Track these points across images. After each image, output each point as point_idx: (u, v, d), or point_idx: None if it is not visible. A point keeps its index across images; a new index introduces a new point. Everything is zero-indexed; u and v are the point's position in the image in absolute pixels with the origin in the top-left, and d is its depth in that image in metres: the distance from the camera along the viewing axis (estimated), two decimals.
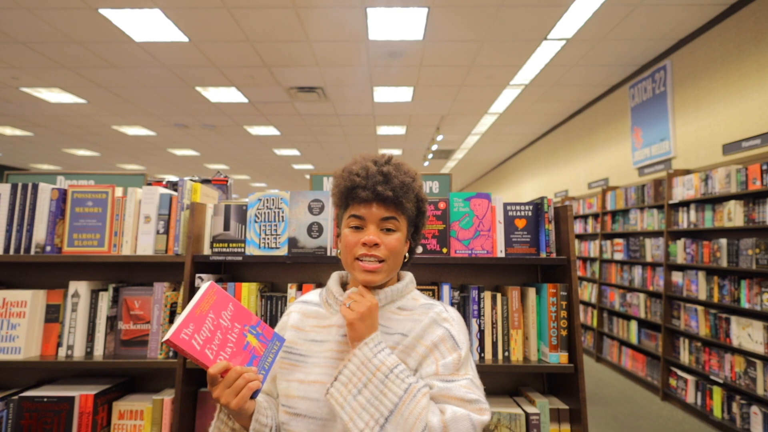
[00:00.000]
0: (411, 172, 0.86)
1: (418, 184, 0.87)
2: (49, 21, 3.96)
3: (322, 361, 0.82)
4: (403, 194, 0.83)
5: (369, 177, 0.81)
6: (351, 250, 0.82)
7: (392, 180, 0.81)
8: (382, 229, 0.82)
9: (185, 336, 0.71)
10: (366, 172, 0.81)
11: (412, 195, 0.85)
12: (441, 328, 0.82)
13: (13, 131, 7.79)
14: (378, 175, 0.81)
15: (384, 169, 0.82)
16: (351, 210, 0.83)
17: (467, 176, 13.45)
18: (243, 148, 9.13)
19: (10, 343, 1.40)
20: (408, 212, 0.85)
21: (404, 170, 0.85)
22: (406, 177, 0.84)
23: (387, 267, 0.82)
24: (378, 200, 0.81)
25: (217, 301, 0.78)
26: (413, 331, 0.83)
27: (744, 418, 3.16)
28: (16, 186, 1.46)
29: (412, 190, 0.85)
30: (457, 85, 5.61)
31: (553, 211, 1.46)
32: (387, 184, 0.81)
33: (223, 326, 0.76)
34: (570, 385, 1.36)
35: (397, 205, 0.82)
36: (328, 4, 3.71)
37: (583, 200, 6.15)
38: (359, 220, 0.82)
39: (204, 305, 0.76)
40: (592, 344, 5.66)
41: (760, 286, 3.12)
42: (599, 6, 3.72)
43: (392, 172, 0.82)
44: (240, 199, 1.75)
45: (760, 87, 3.39)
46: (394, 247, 0.82)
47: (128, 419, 1.41)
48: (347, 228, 0.83)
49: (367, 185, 0.80)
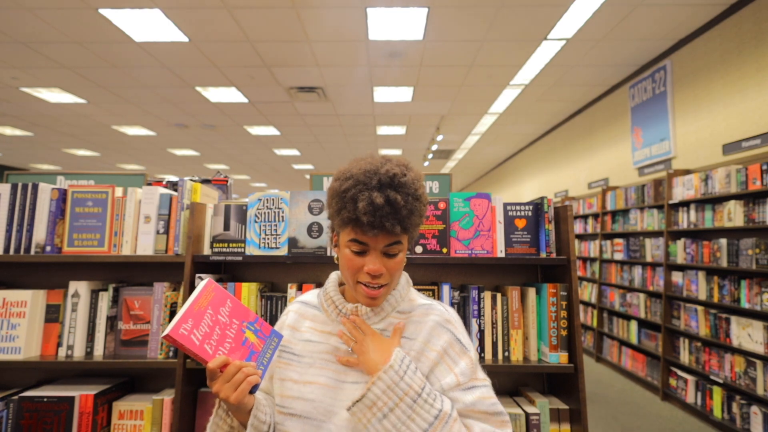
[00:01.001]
0: (417, 189, 0.79)
1: (424, 199, 0.81)
2: (49, 21, 3.96)
3: (317, 362, 0.82)
4: (411, 225, 0.78)
5: (376, 211, 0.74)
6: (353, 274, 0.79)
7: (400, 211, 0.75)
8: (386, 253, 0.78)
9: (184, 331, 0.71)
10: (372, 206, 0.74)
11: (418, 216, 0.80)
12: (447, 332, 0.82)
13: (13, 131, 7.79)
14: (386, 206, 0.74)
15: (391, 197, 0.75)
16: (352, 233, 0.78)
17: (467, 176, 13.45)
18: (243, 148, 9.13)
19: (10, 343, 1.40)
20: (414, 228, 0.81)
21: (411, 191, 0.78)
22: (414, 201, 0.78)
23: (388, 289, 0.81)
24: (384, 232, 0.76)
25: (215, 297, 0.78)
26: (418, 334, 0.82)
27: (744, 418, 3.16)
28: (16, 186, 1.46)
29: (419, 211, 0.80)
30: (457, 85, 5.61)
31: (553, 211, 1.46)
32: (395, 216, 0.75)
33: (221, 322, 0.76)
34: (570, 385, 1.36)
35: (405, 233, 0.78)
36: (328, 4, 3.71)
37: (583, 200, 6.15)
38: (362, 246, 0.78)
39: (202, 301, 0.76)
40: (592, 344, 5.66)
41: (760, 286, 3.12)
42: (599, 6, 3.72)
43: (400, 202, 0.75)
44: (240, 199, 1.75)
45: (760, 87, 3.39)
46: (396, 269, 0.80)
47: (128, 419, 1.41)
48: (348, 249, 0.79)
49: (374, 222, 0.74)
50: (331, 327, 0.85)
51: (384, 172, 0.76)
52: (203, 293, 0.76)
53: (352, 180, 0.77)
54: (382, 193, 0.75)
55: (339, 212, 0.78)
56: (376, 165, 0.78)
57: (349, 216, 0.75)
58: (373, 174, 0.77)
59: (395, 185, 0.77)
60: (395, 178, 0.77)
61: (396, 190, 0.76)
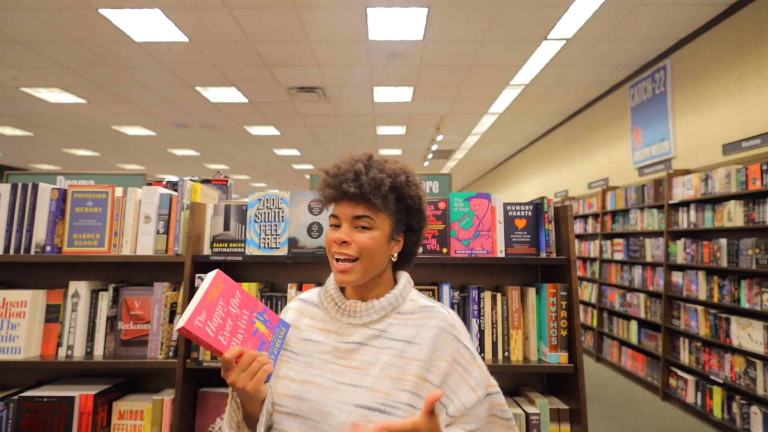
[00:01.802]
0: (391, 169, 0.81)
1: (399, 180, 0.81)
2: (49, 21, 3.96)
3: (316, 362, 0.81)
4: (373, 191, 0.78)
5: (339, 175, 0.79)
6: (329, 248, 0.82)
7: (361, 177, 0.78)
8: (357, 227, 0.79)
9: (199, 323, 0.71)
10: (337, 170, 0.80)
11: (386, 191, 0.79)
12: (453, 339, 0.81)
13: (13, 131, 7.79)
14: (348, 173, 0.79)
15: (356, 167, 0.79)
16: (332, 209, 0.83)
17: (467, 176, 13.45)
18: (243, 148, 9.13)
19: (10, 343, 1.40)
20: (387, 210, 0.81)
21: (381, 167, 0.81)
22: (381, 174, 0.79)
23: (361, 266, 0.80)
24: (346, 198, 0.79)
25: (225, 289, 0.78)
26: (423, 339, 0.80)
27: (744, 418, 3.16)
28: (16, 186, 1.46)
29: (388, 186, 0.80)
30: (457, 85, 5.61)
31: (553, 211, 1.46)
32: (355, 181, 0.78)
33: (232, 313, 0.77)
34: (570, 385, 1.36)
35: (368, 202, 0.79)
36: (328, 4, 3.71)
37: (583, 200, 6.15)
38: (336, 219, 0.81)
39: (213, 293, 0.76)
40: (592, 344, 5.66)
41: (760, 286, 3.12)
42: (599, 6, 3.72)
43: (362, 170, 0.79)
44: (240, 199, 1.75)
45: (760, 87, 3.39)
46: (366, 245, 0.79)
47: (128, 419, 1.41)
48: (329, 227, 0.83)
49: (332, 183, 0.79)
50: (330, 325, 0.85)
51: (363, 154, 0.83)
52: (213, 285, 0.77)
53: (342, 162, 0.83)
54: (351, 165, 0.80)
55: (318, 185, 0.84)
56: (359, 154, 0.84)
57: (320, 183, 0.82)
58: (351, 156, 0.83)
59: (367, 163, 0.81)
60: (371, 158, 0.82)
61: (365, 166, 0.80)
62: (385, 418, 0.72)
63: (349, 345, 0.81)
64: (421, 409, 0.74)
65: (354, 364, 0.79)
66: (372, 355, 0.79)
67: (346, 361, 0.79)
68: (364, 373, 0.77)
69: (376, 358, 0.78)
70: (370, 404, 0.74)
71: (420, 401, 0.75)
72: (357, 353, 0.80)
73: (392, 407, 0.73)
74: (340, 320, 0.84)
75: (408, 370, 0.76)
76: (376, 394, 0.74)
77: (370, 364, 0.78)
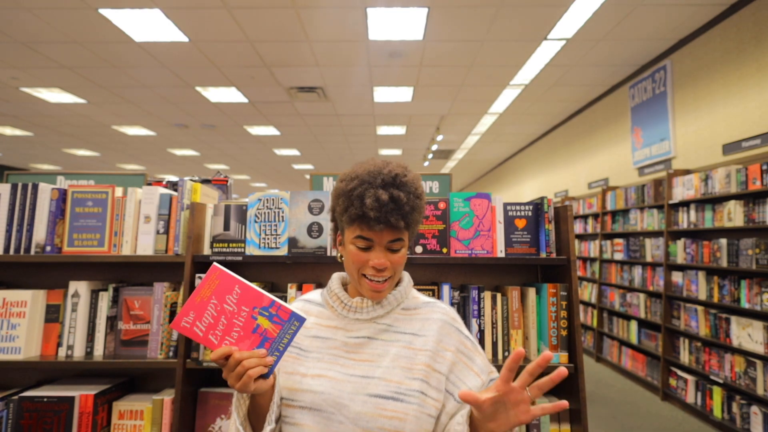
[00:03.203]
0: (417, 188, 0.85)
1: (423, 198, 0.87)
2: (49, 21, 3.96)
3: (326, 357, 0.84)
4: (413, 219, 0.83)
5: (381, 207, 0.79)
6: (358, 268, 0.84)
7: (403, 207, 0.81)
8: (390, 249, 0.83)
9: (186, 324, 0.72)
10: (378, 203, 0.79)
11: (419, 213, 0.85)
12: (455, 331, 0.89)
13: (13, 131, 7.79)
14: (390, 203, 0.80)
15: (395, 194, 0.81)
16: (357, 230, 0.83)
17: (467, 176, 13.45)
18: (243, 148, 9.13)
19: (10, 343, 1.39)
20: (415, 225, 0.86)
21: (412, 189, 0.84)
22: (416, 199, 0.84)
23: (391, 282, 0.86)
24: (389, 227, 0.81)
25: (220, 285, 0.76)
26: (428, 332, 0.86)
27: (744, 418, 3.16)
28: (16, 186, 1.46)
29: (420, 209, 0.86)
30: (457, 85, 5.61)
31: (553, 211, 1.46)
32: (399, 212, 0.81)
33: (227, 311, 0.76)
34: (570, 385, 1.36)
35: (407, 228, 0.84)
36: (328, 4, 3.71)
37: (583, 200, 6.15)
38: (367, 242, 0.83)
39: (205, 291, 0.75)
40: (592, 344, 5.66)
41: (760, 286, 3.12)
42: (599, 6, 3.72)
43: (403, 198, 0.81)
44: (240, 199, 1.75)
45: (760, 87, 3.39)
46: (400, 263, 0.85)
47: (128, 419, 1.41)
48: (353, 245, 0.84)
49: (380, 217, 0.80)
50: (336, 322, 0.88)
51: (387, 173, 0.82)
52: (206, 283, 0.76)
53: (358, 180, 0.83)
54: (386, 190, 0.81)
55: (346, 210, 0.82)
56: (378, 166, 0.84)
57: (357, 213, 0.80)
58: (376, 174, 0.82)
59: (397, 184, 0.82)
60: (397, 177, 0.83)
61: (399, 188, 0.82)
62: (399, 405, 0.77)
63: (358, 339, 0.85)
64: (431, 396, 0.80)
65: (364, 357, 0.83)
66: (381, 347, 0.84)
67: (355, 354, 0.83)
68: (375, 365, 0.82)
69: (386, 350, 0.83)
70: (383, 393, 0.78)
71: (430, 388, 0.80)
72: (366, 347, 0.84)
73: (405, 395, 0.78)
74: (346, 317, 0.88)
75: (417, 360, 0.82)
76: (389, 383, 0.79)
77: (380, 356, 0.83)
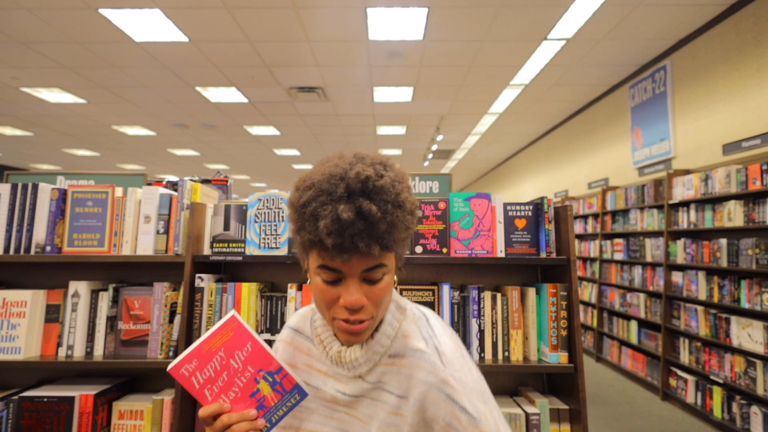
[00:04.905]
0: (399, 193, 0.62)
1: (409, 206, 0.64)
2: (49, 21, 3.96)
3: (320, 409, 0.74)
4: (393, 238, 0.62)
5: (344, 230, 0.58)
6: (328, 308, 0.65)
7: (377, 225, 0.59)
8: (367, 279, 0.63)
9: (185, 372, 0.68)
10: (338, 224, 0.58)
11: (403, 228, 0.64)
12: (445, 399, 0.66)
13: (13, 131, 7.79)
14: (357, 221, 0.58)
15: (364, 208, 0.58)
16: (319, 258, 0.62)
17: (467, 176, 13.45)
18: (243, 148, 9.13)
19: (10, 343, 1.40)
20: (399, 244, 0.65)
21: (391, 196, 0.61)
22: (396, 210, 0.61)
23: (373, 321, 0.67)
24: (358, 254, 0.60)
25: (233, 338, 0.71)
26: (412, 394, 0.68)
27: (744, 418, 3.16)
28: (16, 186, 1.46)
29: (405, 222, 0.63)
30: (457, 85, 5.61)
31: (553, 211, 1.46)
32: (371, 233, 0.59)
33: (232, 367, 0.70)
34: (570, 385, 1.36)
35: (385, 249, 0.62)
36: (328, 4, 3.71)
37: (583, 200, 6.15)
38: (334, 273, 0.62)
39: (216, 341, 0.70)
40: (592, 344, 5.66)
41: (760, 286, 3.12)
42: (599, 6, 3.72)
43: (375, 214, 0.58)
44: (240, 199, 1.75)
45: (760, 87, 3.39)
46: (382, 296, 0.65)
47: (128, 419, 1.41)
48: (318, 276, 0.64)
49: (343, 244, 0.58)
50: (327, 367, 0.75)
51: (353, 176, 0.60)
52: (219, 332, 0.70)
53: (313, 190, 0.61)
54: (352, 203, 0.59)
55: (299, 232, 0.63)
56: (344, 167, 0.62)
57: (311, 238, 0.60)
58: (339, 180, 0.60)
59: (369, 191, 0.60)
60: (368, 182, 0.60)
61: (370, 198, 0.60)
62: None
63: (348, 398, 0.73)
64: None
65: (357, 414, 0.73)
66: (371, 408, 0.71)
67: (349, 409, 0.73)
68: (366, 428, 0.71)
69: (375, 413, 0.71)
70: None
71: None
72: (357, 404, 0.73)
73: None
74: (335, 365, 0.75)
75: (403, 430, 0.68)
76: None
77: (370, 417, 0.71)
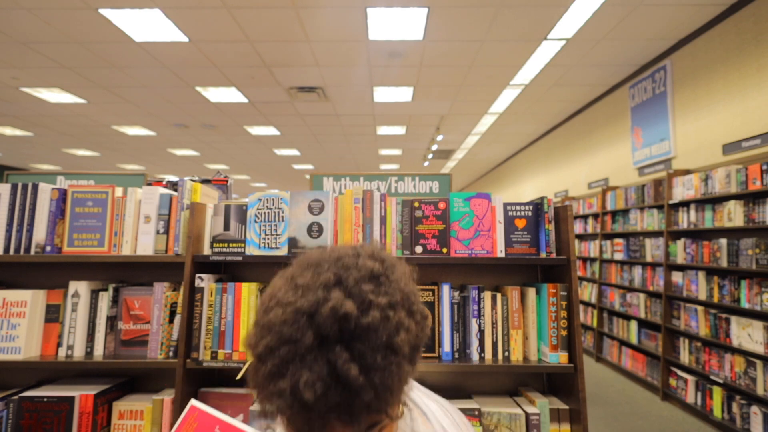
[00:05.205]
0: (392, 333, 0.46)
1: (413, 329, 0.49)
2: (49, 21, 3.96)
3: None
4: (386, 399, 0.45)
5: (313, 405, 0.42)
6: None
7: (361, 395, 0.43)
8: None
9: None
10: (300, 403, 0.42)
11: (405, 372, 0.48)
12: None
13: (13, 131, 7.79)
14: (332, 390, 0.42)
15: (342, 371, 0.42)
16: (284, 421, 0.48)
17: (467, 176, 13.45)
18: (243, 148, 9.13)
19: (10, 343, 1.39)
20: (398, 393, 0.48)
21: (382, 339, 0.45)
22: (390, 356, 0.45)
23: None
24: (340, 425, 0.45)
25: (198, 428, 0.68)
26: None
27: (744, 418, 3.16)
28: (16, 186, 1.46)
29: (405, 362, 0.48)
30: (457, 85, 5.61)
31: (553, 211, 1.46)
32: (351, 407, 0.43)
33: None
34: (570, 385, 1.36)
35: (374, 413, 0.46)
36: (328, 4, 3.71)
37: (583, 200, 6.15)
38: None
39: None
40: (592, 344, 5.66)
41: (760, 286, 3.12)
42: (599, 6, 3.72)
43: (357, 379, 0.42)
44: (240, 199, 1.75)
45: (760, 87, 3.39)
46: None
47: (128, 419, 1.41)
48: None
49: (311, 422, 0.44)
50: None
51: (326, 313, 0.44)
52: (183, 426, 0.68)
53: (274, 334, 0.45)
54: (323, 361, 0.43)
55: (256, 389, 0.47)
56: (315, 296, 0.46)
57: (270, 409, 0.45)
58: (306, 320, 0.45)
59: (348, 337, 0.44)
60: (348, 320, 0.44)
61: (350, 349, 0.44)
62: None
63: None
64: None
65: None
66: None
67: None
68: None
69: None
70: None
71: None
72: None
73: None
74: None
75: None
76: None
77: None
